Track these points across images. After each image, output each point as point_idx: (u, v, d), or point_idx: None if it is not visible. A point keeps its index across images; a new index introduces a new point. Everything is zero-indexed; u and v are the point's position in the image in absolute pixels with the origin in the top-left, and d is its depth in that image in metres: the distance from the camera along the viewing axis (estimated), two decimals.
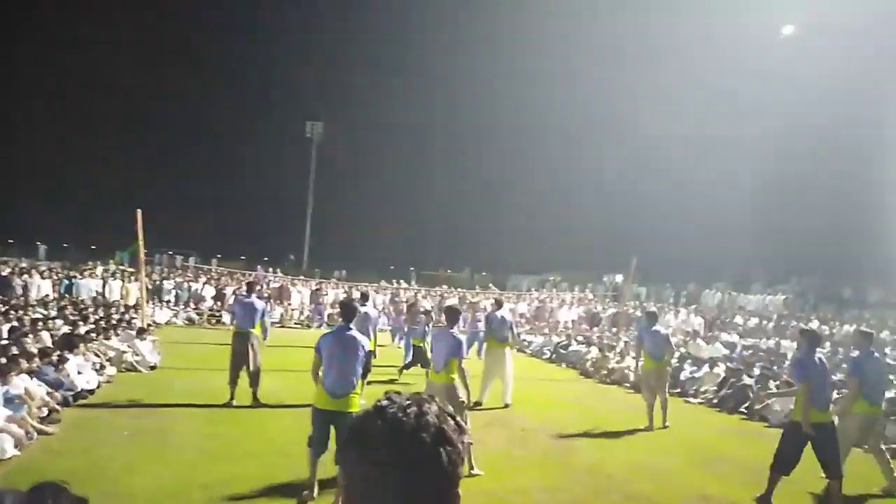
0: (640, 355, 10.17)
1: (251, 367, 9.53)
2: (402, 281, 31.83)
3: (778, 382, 11.58)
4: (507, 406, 10.59)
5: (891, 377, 10.42)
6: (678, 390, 12.70)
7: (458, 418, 1.10)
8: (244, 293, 10.48)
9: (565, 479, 6.99)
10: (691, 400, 12.34)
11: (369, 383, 10.59)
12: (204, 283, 24.82)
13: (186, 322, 21.81)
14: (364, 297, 11.72)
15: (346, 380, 5.67)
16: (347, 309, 6.10)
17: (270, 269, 29.48)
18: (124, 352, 12.00)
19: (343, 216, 52.93)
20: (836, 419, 6.50)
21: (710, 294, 28.30)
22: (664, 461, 7.92)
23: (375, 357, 10.40)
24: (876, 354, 7.49)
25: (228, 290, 23.95)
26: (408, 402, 1.08)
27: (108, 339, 12.43)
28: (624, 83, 43.84)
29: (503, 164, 53.05)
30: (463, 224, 55.38)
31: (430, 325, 12.86)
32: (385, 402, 1.09)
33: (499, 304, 11.91)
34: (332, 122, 49.23)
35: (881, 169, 26.79)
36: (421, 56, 50.12)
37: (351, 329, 5.89)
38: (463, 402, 6.89)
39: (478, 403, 10.19)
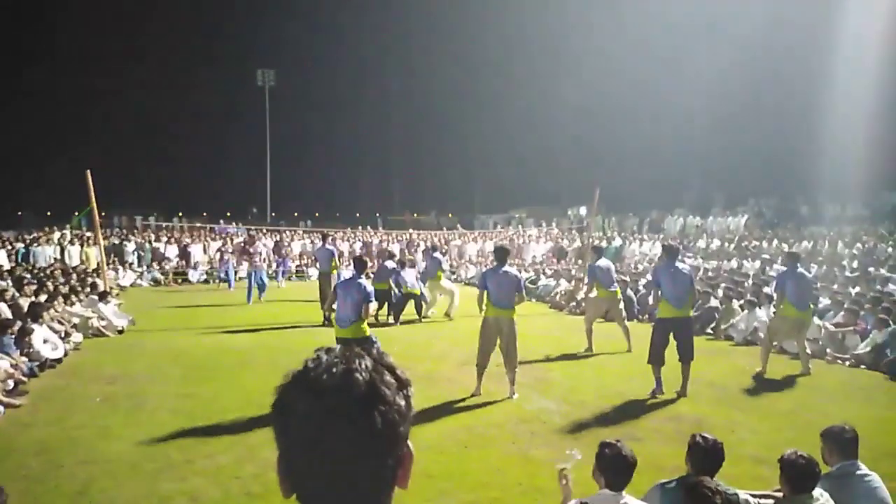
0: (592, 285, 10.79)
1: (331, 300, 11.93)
2: (369, 227, 31.67)
3: (742, 302, 11.89)
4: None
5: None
6: (647, 316, 12.99)
7: (399, 370, 0.97)
8: (321, 243, 14.11)
9: (541, 409, 7.14)
10: None
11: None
12: (166, 243, 24.29)
13: (152, 283, 21.47)
14: (434, 248, 15.04)
15: (348, 315, 7.33)
16: (360, 263, 7.99)
17: (234, 224, 28.96)
18: (89, 317, 11.74)
19: (303, 165, 51.98)
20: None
21: (673, 220, 28.68)
22: (636, 386, 8.12)
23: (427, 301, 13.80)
24: (800, 270, 8.88)
25: (193, 248, 23.52)
26: (335, 359, 0.95)
27: (70, 305, 12.14)
28: (581, 17, 43.24)
29: (463, 104, 52.36)
30: (427, 167, 54.87)
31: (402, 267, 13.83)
32: (310, 364, 0.96)
33: (434, 248, 15.37)
34: (285, 68, 47.71)
35: (828, 89, 27.44)
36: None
37: (360, 278, 7.56)
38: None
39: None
